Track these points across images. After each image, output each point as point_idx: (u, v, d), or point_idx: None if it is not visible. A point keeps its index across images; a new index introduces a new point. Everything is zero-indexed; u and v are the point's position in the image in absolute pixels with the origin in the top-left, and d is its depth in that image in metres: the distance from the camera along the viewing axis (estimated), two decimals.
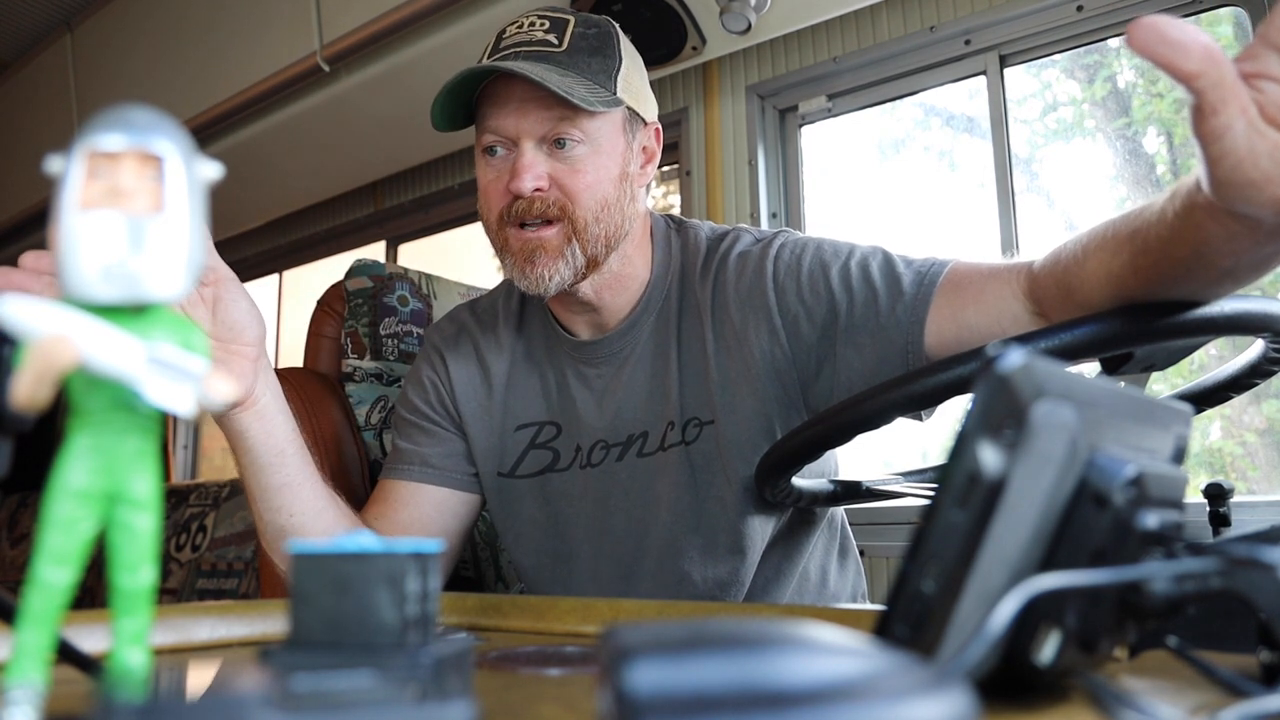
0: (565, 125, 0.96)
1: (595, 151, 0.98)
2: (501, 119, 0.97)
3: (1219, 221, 0.59)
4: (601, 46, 1.00)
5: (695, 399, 1.04)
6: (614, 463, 1.07)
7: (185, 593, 2.37)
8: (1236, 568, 0.34)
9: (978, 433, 0.32)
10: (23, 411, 0.27)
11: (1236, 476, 1.78)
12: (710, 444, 1.03)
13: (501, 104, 0.97)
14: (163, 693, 0.23)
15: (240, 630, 0.70)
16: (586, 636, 0.69)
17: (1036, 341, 0.70)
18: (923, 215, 2.12)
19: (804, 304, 1.00)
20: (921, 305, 0.92)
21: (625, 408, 1.07)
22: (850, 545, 1.23)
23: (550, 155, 0.97)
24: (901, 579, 0.32)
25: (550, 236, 0.98)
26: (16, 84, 3.07)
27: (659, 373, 1.06)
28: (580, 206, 0.97)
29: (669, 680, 0.23)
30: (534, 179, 0.96)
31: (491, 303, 1.19)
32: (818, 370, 1.00)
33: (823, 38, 1.94)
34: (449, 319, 1.21)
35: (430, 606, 0.35)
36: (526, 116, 0.96)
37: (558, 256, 0.98)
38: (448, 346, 1.16)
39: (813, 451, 0.86)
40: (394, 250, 2.88)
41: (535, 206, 0.97)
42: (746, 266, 1.04)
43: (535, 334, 1.15)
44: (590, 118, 0.97)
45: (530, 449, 1.11)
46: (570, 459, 1.10)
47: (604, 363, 1.09)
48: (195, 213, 0.29)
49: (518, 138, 0.97)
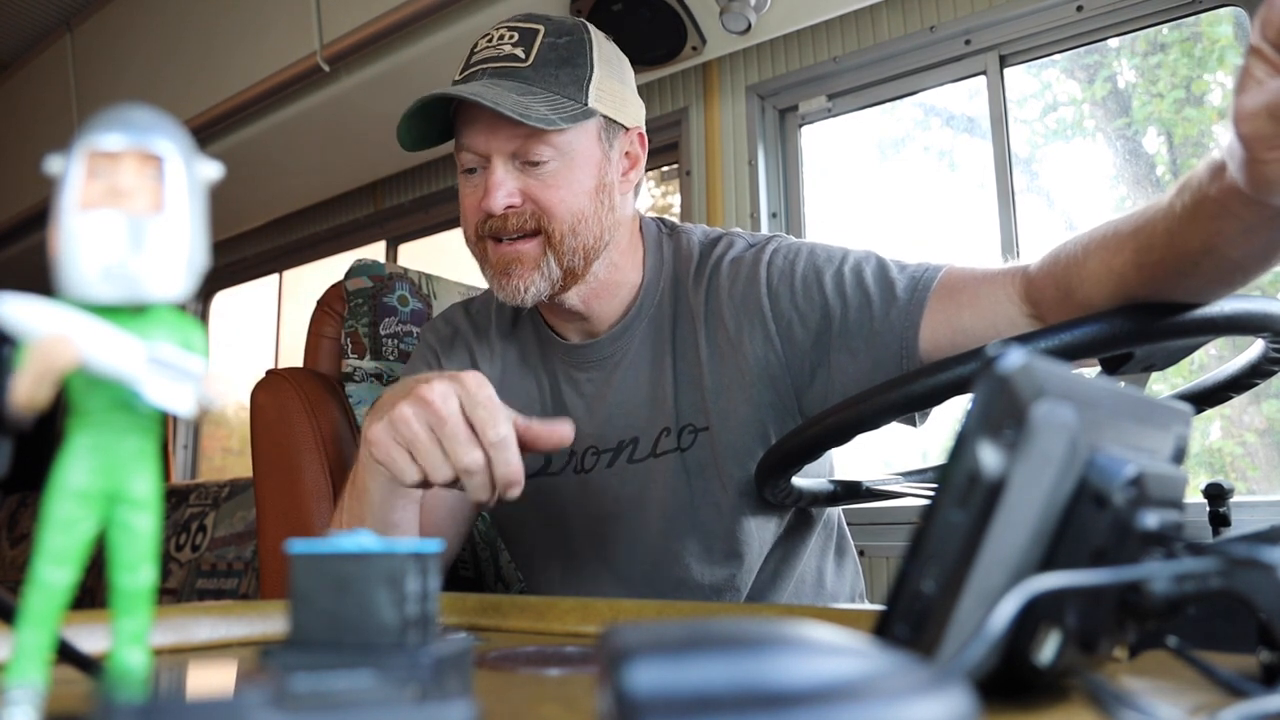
0: (533, 143, 0.96)
1: (568, 165, 0.98)
2: (472, 137, 0.98)
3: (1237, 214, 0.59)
4: (571, 56, 0.99)
5: (690, 405, 1.04)
6: (604, 469, 1.07)
7: (185, 593, 2.37)
8: (1236, 568, 0.34)
9: (978, 433, 0.32)
10: (23, 411, 0.27)
11: (1236, 476, 1.78)
12: (705, 450, 1.03)
13: (472, 122, 0.98)
14: (163, 693, 0.23)
15: (240, 630, 0.70)
16: (586, 636, 0.69)
17: (1036, 341, 0.70)
18: (923, 216, 2.12)
19: (798, 309, 0.99)
20: (916, 310, 0.92)
21: (617, 414, 1.07)
22: (848, 545, 1.23)
23: (522, 170, 0.97)
24: (901, 579, 0.32)
25: (526, 250, 0.98)
26: (16, 84, 3.07)
27: (653, 379, 1.06)
28: (555, 220, 0.97)
29: (669, 680, 0.23)
30: (505, 196, 0.96)
31: (485, 303, 1.19)
32: (812, 375, 1.00)
33: (823, 38, 1.94)
34: (444, 319, 1.21)
35: (430, 606, 0.35)
36: (496, 135, 0.96)
37: (533, 269, 0.98)
38: (443, 347, 1.16)
39: (813, 452, 0.86)
40: (394, 250, 2.88)
41: (510, 222, 0.97)
42: (740, 272, 1.04)
43: (527, 337, 1.14)
44: (559, 133, 0.96)
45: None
46: (563, 463, 1.09)
47: (595, 367, 1.09)
48: (195, 213, 0.29)
49: (489, 155, 0.97)
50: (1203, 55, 1.81)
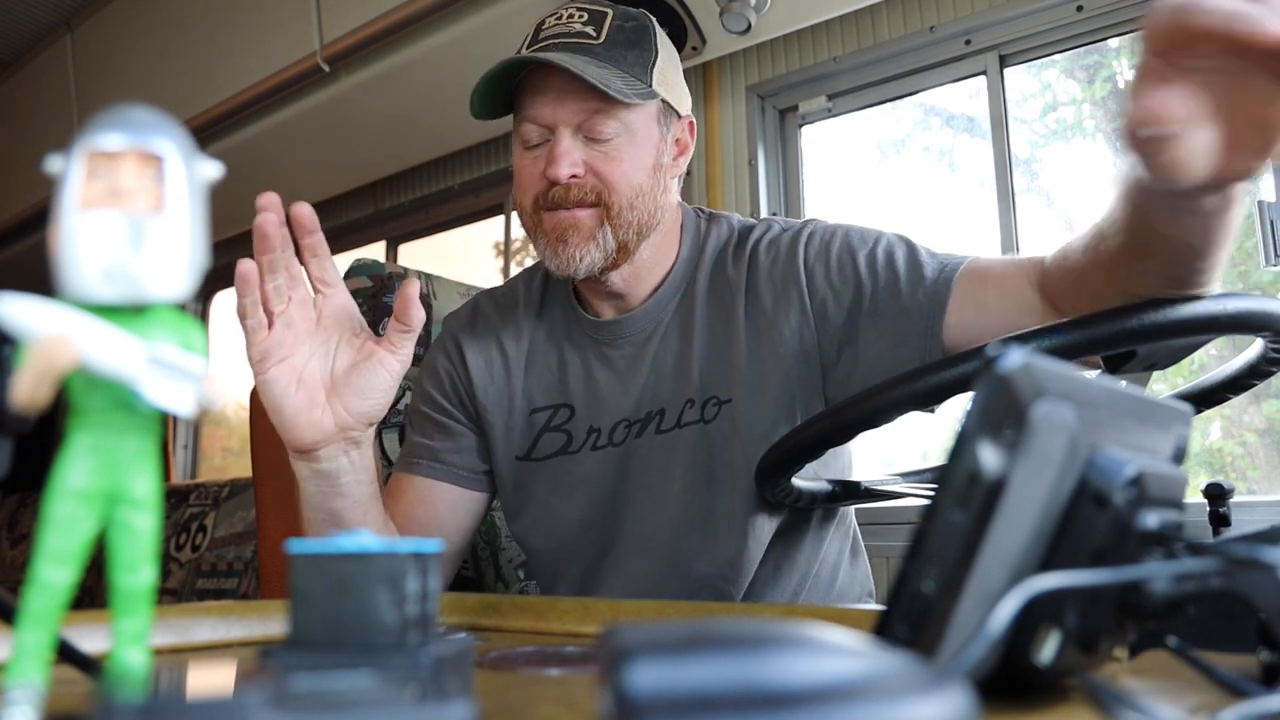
0: (601, 116, 0.98)
1: (631, 141, 1.01)
2: (539, 108, 0.99)
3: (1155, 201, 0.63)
4: (638, 40, 1.02)
5: (715, 378, 1.06)
6: (634, 440, 1.09)
7: (185, 593, 2.37)
8: (1236, 568, 0.34)
9: (978, 432, 0.31)
10: (23, 411, 0.27)
11: (1236, 476, 1.78)
12: (727, 423, 1.04)
13: (539, 93, 0.99)
14: (163, 693, 0.23)
15: (240, 630, 0.70)
16: (586, 636, 0.69)
17: (1037, 340, 0.70)
18: (923, 215, 2.12)
19: (832, 287, 1.02)
20: (943, 289, 0.95)
21: (647, 386, 1.09)
22: (860, 545, 1.25)
23: (586, 143, 1.00)
24: (901, 579, 0.32)
25: (584, 218, 1.00)
26: (16, 84, 3.08)
27: (682, 350, 1.08)
28: (615, 192, 1.00)
29: (668, 680, 0.23)
30: (570, 165, 0.98)
31: (511, 289, 1.20)
32: (839, 354, 1.02)
33: (823, 38, 1.94)
34: (467, 305, 1.22)
35: (430, 606, 0.35)
36: (564, 106, 0.98)
37: (589, 238, 1.00)
38: (464, 332, 1.17)
39: (813, 451, 0.86)
40: (394, 250, 2.88)
41: (571, 193, 0.99)
42: (779, 252, 1.07)
43: (556, 317, 1.16)
44: (626, 108, 0.99)
45: (545, 432, 1.12)
46: (581, 441, 1.11)
47: (627, 343, 1.11)
48: (195, 213, 0.29)
49: (555, 126, 0.99)
50: None
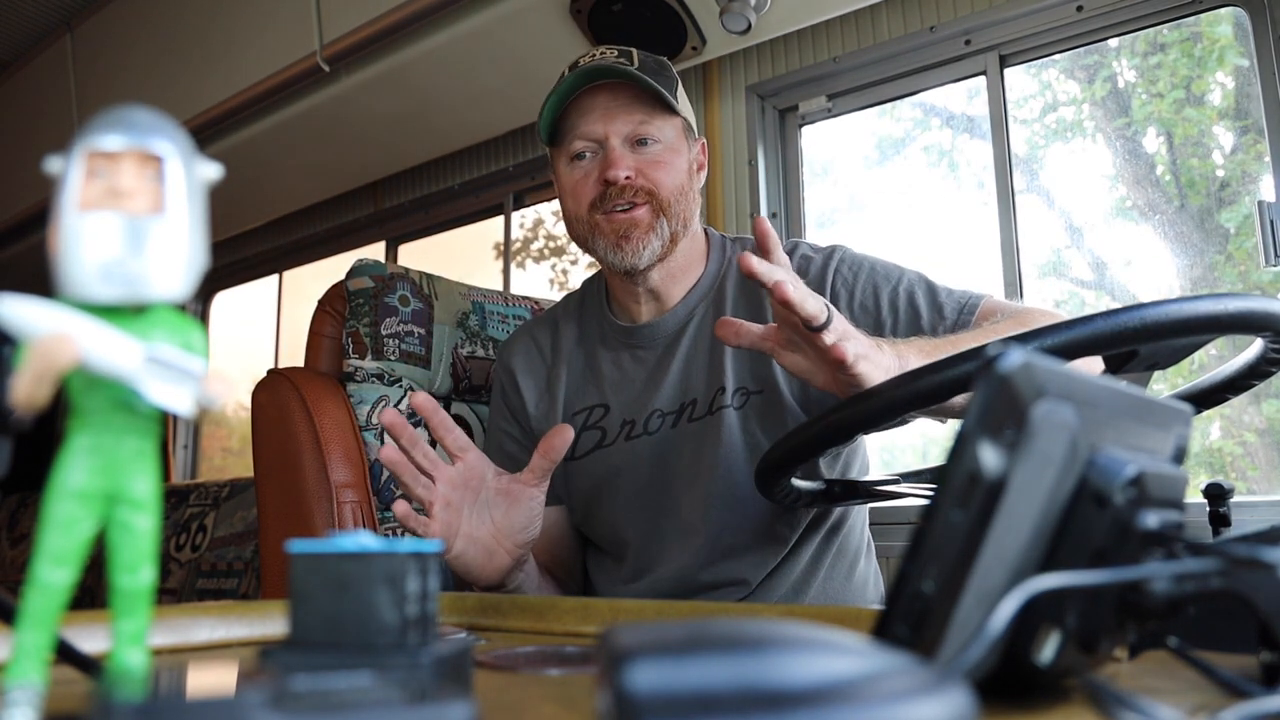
0: (645, 126, 1.14)
1: (670, 150, 1.16)
2: (590, 124, 1.14)
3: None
4: (663, 69, 1.17)
5: (745, 370, 1.14)
6: (669, 429, 1.18)
7: (185, 593, 2.37)
8: (1236, 568, 0.34)
9: (978, 433, 0.31)
10: (23, 411, 0.27)
11: (1236, 476, 1.78)
12: (756, 411, 1.12)
13: (588, 111, 1.14)
14: (162, 693, 0.23)
15: (240, 630, 0.70)
16: (586, 636, 0.69)
17: (1037, 340, 0.70)
18: (923, 215, 2.12)
19: (854, 319, 1.08)
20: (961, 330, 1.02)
21: (680, 379, 1.19)
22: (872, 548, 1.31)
23: (634, 151, 1.14)
24: (901, 579, 0.32)
25: (641, 215, 1.13)
26: (16, 84, 3.07)
27: (714, 346, 1.17)
28: (664, 189, 1.14)
29: (668, 680, 0.23)
30: (626, 168, 1.12)
31: (550, 314, 1.34)
32: None
33: (823, 38, 1.94)
34: (515, 335, 1.36)
35: (430, 606, 0.35)
36: (614, 119, 1.13)
37: (649, 231, 1.13)
38: (515, 359, 1.30)
39: (813, 451, 0.86)
40: (394, 250, 2.88)
41: (626, 193, 1.12)
42: (809, 269, 1.16)
43: (591, 330, 1.27)
44: (665, 120, 1.15)
45: (584, 430, 1.22)
46: (615, 434, 1.20)
47: (658, 343, 1.21)
48: (195, 213, 0.29)
49: (606, 137, 1.13)
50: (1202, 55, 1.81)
